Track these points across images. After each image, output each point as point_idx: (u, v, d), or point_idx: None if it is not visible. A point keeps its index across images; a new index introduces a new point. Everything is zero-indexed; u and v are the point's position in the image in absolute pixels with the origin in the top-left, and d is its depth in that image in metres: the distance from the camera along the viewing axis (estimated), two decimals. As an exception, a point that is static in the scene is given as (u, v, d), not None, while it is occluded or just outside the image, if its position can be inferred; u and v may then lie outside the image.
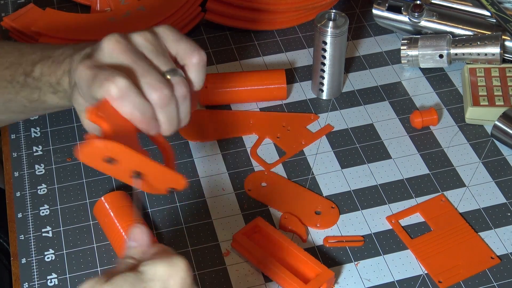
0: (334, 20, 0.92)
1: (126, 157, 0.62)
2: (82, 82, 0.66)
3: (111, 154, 0.61)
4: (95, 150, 0.61)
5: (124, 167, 0.63)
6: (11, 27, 1.04)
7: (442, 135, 0.94)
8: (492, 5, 1.01)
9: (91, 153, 0.61)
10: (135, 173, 0.64)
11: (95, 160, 0.62)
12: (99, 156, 0.61)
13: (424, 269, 0.80)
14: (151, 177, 0.65)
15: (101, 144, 0.61)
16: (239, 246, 0.80)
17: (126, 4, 1.08)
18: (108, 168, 0.63)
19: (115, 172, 0.64)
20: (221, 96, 0.96)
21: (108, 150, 0.61)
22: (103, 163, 0.62)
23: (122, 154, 0.62)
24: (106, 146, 0.61)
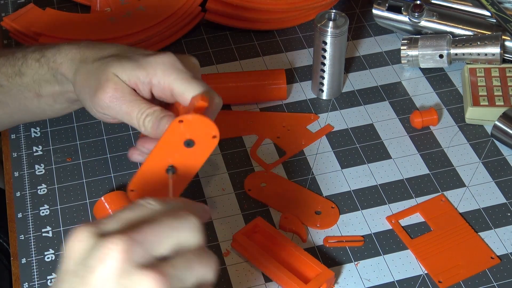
0: (334, 20, 0.92)
1: (204, 147, 0.65)
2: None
3: (203, 138, 0.64)
4: (202, 128, 0.64)
5: (178, 157, 0.65)
6: (11, 27, 1.04)
7: (442, 135, 0.94)
8: (492, 5, 1.01)
9: (194, 128, 0.64)
10: (171, 167, 0.66)
11: (180, 136, 0.64)
12: (192, 135, 0.64)
13: (424, 269, 0.80)
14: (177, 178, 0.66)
15: (214, 127, 0.64)
16: (239, 246, 0.80)
17: (126, 4, 1.08)
18: (167, 151, 0.65)
19: (161, 157, 0.66)
20: (221, 96, 0.96)
21: (209, 133, 0.64)
22: (177, 144, 0.64)
23: (207, 143, 0.65)
24: (215, 129, 0.64)
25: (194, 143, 0.65)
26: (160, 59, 0.73)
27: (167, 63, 0.72)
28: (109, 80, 0.72)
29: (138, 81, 0.72)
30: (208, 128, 0.64)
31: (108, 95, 0.72)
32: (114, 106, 0.72)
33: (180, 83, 0.71)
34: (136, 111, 0.72)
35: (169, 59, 0.73)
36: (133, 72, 0.72)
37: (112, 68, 0.73)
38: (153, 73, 0.72)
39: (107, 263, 0.49)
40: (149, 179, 0.67)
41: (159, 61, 0.72)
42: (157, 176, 0.67)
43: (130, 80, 0.72)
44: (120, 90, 0.72)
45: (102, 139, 0.93)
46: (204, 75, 0.96)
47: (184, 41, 1.07)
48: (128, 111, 0.72)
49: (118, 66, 0.73)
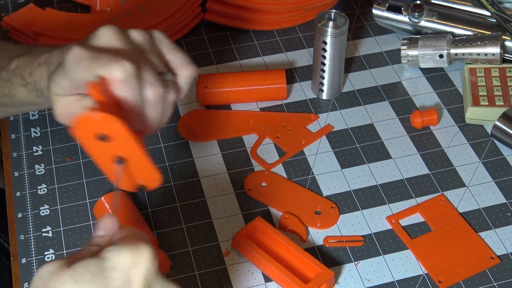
0: (334, 20, 0.92)
1: (120, 136, 0.61)
2: (77, 61, 0.66)
3: (108, 130, 0.61)
4: (94, 122, 0.60)
5: (111, 149, 0.62)
6: (11, 27, 1.04)
7: (442, 135, 0.94)
8: (492, 5, 1.01)
9: (88, 126, 0.60)
10: (118, 159, 0.63)
11: (87, 135, 0.61)
12: (95, 131, 0.61)
13: (424, 269, 0.80)
14: (132, 167, 0.64)
15: (103, 117, 0.60)
16: (239, 246, 0.80)
17: (126, 4, 1.08)
18: (95, 147, 0.62)
19: (99, 153, 0.63)
20: (221, 96, 0.96)
21: (107, 125, 0.60)
22: (93, 140, 0.61)
23: (119, 132, 0.61)
24: (108, 119, 0.60)
25: (107, 136, 0.61)
26: (66, 57, 0.68)
27: (73, 59, 0.67)
28: (53, 101, 0.71)
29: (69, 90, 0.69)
30: (103, 120, 0.60)
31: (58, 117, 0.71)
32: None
33: (81, 74, 0.67)
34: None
35: (72, 53, 0.67)
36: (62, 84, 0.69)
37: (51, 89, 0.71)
38: (70, 77, 0.68)
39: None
40: (111, 173, 0.65)
41: (65, 62, 0.68)
42: (113, 169, 0.64)
43: (64, 91, 0.70)
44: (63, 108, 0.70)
45: (102, 139, 0.93)
46: (204, 75, 0.96)
47: (184, 41, 1.07)
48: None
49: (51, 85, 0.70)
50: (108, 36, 0.68)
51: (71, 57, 0.67)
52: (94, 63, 0.65)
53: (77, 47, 0.67)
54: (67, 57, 0.67)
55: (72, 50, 0.67)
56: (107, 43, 0.67)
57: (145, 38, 0.69)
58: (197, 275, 0.79)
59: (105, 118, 0.60)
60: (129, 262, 0.54)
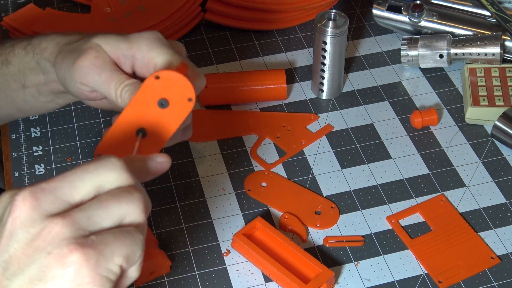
0: (334, 20, 0.92)
1: (178, 108, 0.63)
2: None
3: (178, 98, 0.62)
4: (177, 87, 0.62)
5: (150, 118, 0.63)
6: (11, 27, 1.04)
7: (442, 135, 0.94)
8: (492, 5, 1.01)
9: (168, 87, 0.62)
10: (140, 130, 0.63)
11: (153, 95, 0.62)
12: (166, 94, 0.62)
13: (424, 269, 0.80)
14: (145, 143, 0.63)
15: (186, 83, 0.62)
16: (239, 246, 0.80)
17: (126, 4, 1.08)
18: (138, 108, 0.63)
19: (132, 118, 0.63)
20: (221, 96, 0.96)
21: (185, 93, 0.62)
22: (150, 104, 0.62)
23: (182, 104, 0.62)
24: (189, 86, 0.62)
25: (169, 103, 0.62)
26: (146, 34, 0.72)
27: (152, 38, 0.71)
28: (91, 48, 0.71)
29: (120, 54, 0.71)
30: (185, 88, 0.62)
31: (88, 62, 0.71)
32: (93, 74, 0.71)
33: (164, 57, 0.70)
34: (115, 81, 0.70)
35: (154, 34, 0.72)
36: (117, 44, 0.71)
37: (95, 39, 0.72)
38: (137, 47, 0.71)
39: (15, 214, 0.49)
40: (117, 142, 0.64)
41: (144, 36, 0.71)
42: (126, 139, 0.64)
43: (112, 52, 0.71)
44: (101, 58, 0.71)
45: (102, 139, 0.93)
46: (204, 75, 0.96)
47: (184, 41, 1.07)
48: (106, 79, 0.70)
49: (101, 37, 0.72)
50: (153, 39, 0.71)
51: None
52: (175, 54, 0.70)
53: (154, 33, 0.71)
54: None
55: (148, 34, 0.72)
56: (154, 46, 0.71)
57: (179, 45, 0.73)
58: (197, 275, 0.79)
59: (188, 84, 0.62)
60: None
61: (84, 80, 0.72)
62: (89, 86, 0.72)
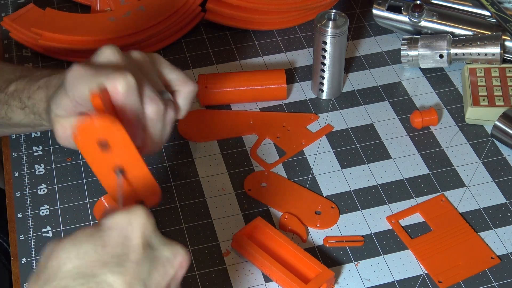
0: (334, 20, 0.92)
1: (122, 145, 0.61)
2: (77, 77, 0.66)
3: (109, 135, 0.60)
4: (96, 128, 0.60)
5: (111, 159, 0.62)
6: (11, 27, 1.04)
7: (442, 135, 0.94)
8: (492, 5, 1.01)
9: (90, 131, 0.60)
10: (118, 169, 0.63)
11: (89, 141, 0.61)
12: (96, 137, 0.61)
13: (424, 269, 0.80)
14: (132, 179, 0.64)
15: (105, 120, 0.60)
16: (239, 246, 0.80)
17: (126, 4, 1.08)
18: (95, 155, 0.62)
19: (99, 163, 0.63)
20: (221, 96, 0.96)
21: (109, 129, 0.60)
22: (94, 147, 0.61)
23: (121, 139, 0.61)
24: (110, 122, 0.60)
25: (108, 143, 0.61)
26: (67, 75, 0.69)
27: (74, 76, 0.68)
28: (55, 124, 0.71)
29: (70, 111, 0.70)
30: (104, 124, 0.60)
31: (60, 140, 0.72)
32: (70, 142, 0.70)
33: (82, 88, 0.67)
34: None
35: (73, 71, 0.68)
36: (63, 104, 0.70)
37: (52, 112, 0.71)
38: (71, 94, 0.68)
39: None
40: (111, 187, 0.65)
41: (66, 80, 0.69)
42: (111, 181, 0.64)
43: (65, 111, 0.70)
44: (64, 129, 0.71)
45: (102, 139, 0.93)
46: (204, 75, 0.97)
47: (184, 41, 1.07)
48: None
49: (52, 107, 0.71)
50: (109, 53, 0.68)
51: (72, 74, 0.67)
52: (96, 75, 0.65)
53: (77, 65, 0.67)
54: (68, 75, 0.68)
55: (72, 68, 0.67)
56: (108, 59, 0.68)
57: (145, 58, 0.71)
58: (197, 275, 0.79)
59: (107, 121, 0.60)
60: (124, 221, 0.55)
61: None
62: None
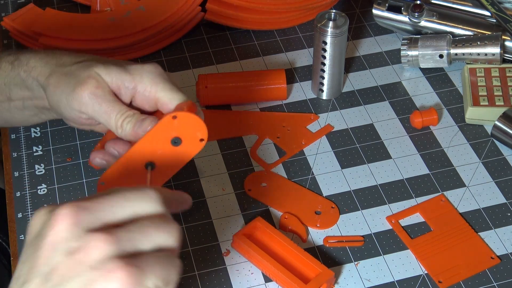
0: (334, 20, 0.92)
1: (189, 146, 0.65)
2: (157, 75, 0.72)
3: (189, 139, 0.64)
4: (191, 126, 0.64)
5: (161, 153, 0.65)
6: (11, 27, 1.04)
7: (442, 135, 0.94)
8: (492, 5, 1.01)
9: (183, 126, 0.64)
10: (149, 164, 0.65)
11: (167, 133, 0.64)
12: (180, 132, 0.64)
13: (424, 269, 0.80)
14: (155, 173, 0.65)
15: (203, 125, 0.65)
16: (239, 246, 0.80)
17: (126, 4, 1.08)
18: (151, 147, 0.64)
19: (144, 152, 0.65)
20: (221, 96, 0.96)
21: (197, 132, 0.65)
22: (164, 140, 0.64)
23: (194, 142, 0.65)
24: (204, 128, 0.65)
25: (181, 142, 0.64)
26: (148, 67, 0.72)
27: (154, 72, 0.72)
28: (91, 77, 0.71)
29: (122, 85, 0.72)
30: (199, 129, 0.64)
31: (88, 92, 0.71)
32: (93, 103, 0.71)
33: (167, 93, 0.71)
34: (116, 112, 0.71)
35: (156, 69, 0.73)
36: (119, 75, 0.72)
37: (96, 68, 0.72)
38: (139, 80, 0.71)
39: (55, 228, 0.51)
40: (125, 173, 0.66)
41: (146, 69, 0.72)
42: (134, 171, 0.65)
43: (113, 83, 0.72)
44: (101, 88, 0.71)
45: (102, 139, 0.93)
46: (204, 75, 0.97)
47: (184, 41, 1.07)
48: (107, 110, 0.71)
49: (102, 67, 0.72)
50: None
51: (150, 70, 0.73)
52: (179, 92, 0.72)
53: (156, 66, 0.73)
54: (146, 67, 0.73)
55: (155, 66, 0.73)
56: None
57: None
58: (197, 275, 0.79)
59: (203, 126, 0.65)
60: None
61: (83, 109, 0.72)
62: (87, 115, 0.73)
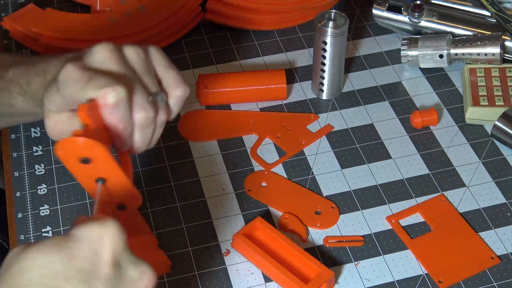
0: (334, 20, 0.92)
1: (102, 160, 0.62)
2: (70, 80, 0.65)
3: (90, 154, 0.61)
4: (78, 147, 0.61)
5: (93, 171, 0.63)
6: (11, 27, 1.04)
7: (442, 135, 0.94)
8: (492, 5, 1.01)
9: (72, 149, 0.61)
10: (99, 179, 0.64)
11: (71, 157, 0.62)
12: (77, 154, 0.61)
13: (424, 269, 0.80)
14: (112, 186, 0.64)
15: (86, 143, 0.60)
16: (239, 246, 0.80)
17: (126, 4, 1.08)
18: (78, 169, 0.63)
19: (81, 174, 0.64)
20: (221, 96, 0.96)
21: (89, 150, 0.61)
22: (76, 162, 0.62)
23: (100, 156, 0.61)
24: (90, 145, 0.61)
25: (89, 159, 0.62)
26: (60, 74, 0.68)
27: (66, 78, 0.67)
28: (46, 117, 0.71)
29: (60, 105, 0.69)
30: (86, 145, 0.61)
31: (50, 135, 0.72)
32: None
33: (73, 94, 0.67)
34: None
35: (66, 71, 0.67)
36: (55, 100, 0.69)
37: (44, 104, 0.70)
38: (62, 94, 0.68)
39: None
40: (92, 191, 0.65)
41: (59, 79, 0.68)
42: (93, 189, 0.65)
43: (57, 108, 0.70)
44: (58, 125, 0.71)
45: (102, 139, 0.93)
46: (204, 75, 0.97)
47: (184, 41, 1.07)
48: None
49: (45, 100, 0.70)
50: (103, 55, 0.67)
51: (64, 75, 0.66)
52: (87, 85, 0.64)
53: (71, 66, 0.66)
54: (61, 75, 0.66)
55: (66, 68, 0.66)
56: (101, 62, 0.67)
57: (140, 56, 0.69)
58: (197, 275, 0.79)
59: (88, 144, 0.61)
60: (95, 234, 0.54)
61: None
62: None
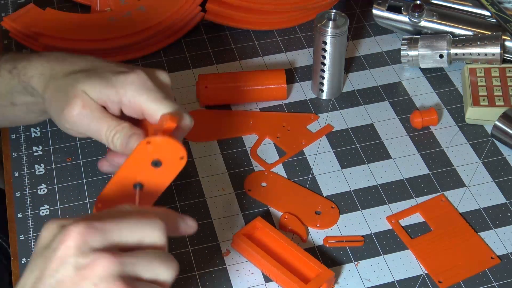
0: (334, 20, 0.92)
1: (169, 169, 0.66)
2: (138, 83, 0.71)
3: (168, 160, 0.65)
4: (166, 149, 0.65)
5: (145, 174, 0.66)
6: (11, 27, 1.04)
7: (442, 135, 0.94)
8: (492, 5, 1.01)
9: (159, 149, 0.65)
10: (138, 184, 0.66)
11: (148, 155, 0.65)
12: (158, 155, 0.65)
13: (424, 269, 0.80)
14: (143, 193, 0.67)
15: (179, 149, 0.65)
16: (239, 246, 0.80)
17: (126, 4, 1.08)
18: (135, 168, 0.66)
19: (129, 174, 0.66)
20: (221, 96, 0.96)
21: (174, 156, 0.65)
22: (145, 161, 0.65)
23: (174, 166, 0.66)
24: (180, 154, 0.65)
25: (162, 163, 0.65)
26: (131, 78, 0.71)
27: (138, 83, 0.71)
28: (77, 96, 0.71)
29: (107, 99, 0.71)
30: (176, 149, 0.65)
31: (75, 112, 0.71)
32: (82, 123, 0.72)
33: (151, 103, 0.70)
34: (105, 129, 0.71)
35: (139, 78, 0.71)
36: (103, 90, 0.71)
37: (81, 85, 0.71)
38: (123, 93, 0.71)
39: (66, 244, 0.54)
40: (117, 194, 0.67)
41: (129, 80, 0.71)
42: (124, 191, 0.67)
43: (99, 98, 0.71)
44: (88, 107, 0.71)
45: (102, 139, 0.93)
46: (204, 75, 0.97)
47: (184, 41, 1.07)
48: (96, 128, 0.71)
49: (87, 83, 0.71)
50: None
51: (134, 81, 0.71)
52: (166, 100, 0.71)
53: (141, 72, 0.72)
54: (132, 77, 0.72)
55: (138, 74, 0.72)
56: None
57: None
58: (197, 275, 0.79)
59: (180, 152, 0.65)
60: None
61: (74, 127, 0.73)
62: (79, 132, 0.74)
